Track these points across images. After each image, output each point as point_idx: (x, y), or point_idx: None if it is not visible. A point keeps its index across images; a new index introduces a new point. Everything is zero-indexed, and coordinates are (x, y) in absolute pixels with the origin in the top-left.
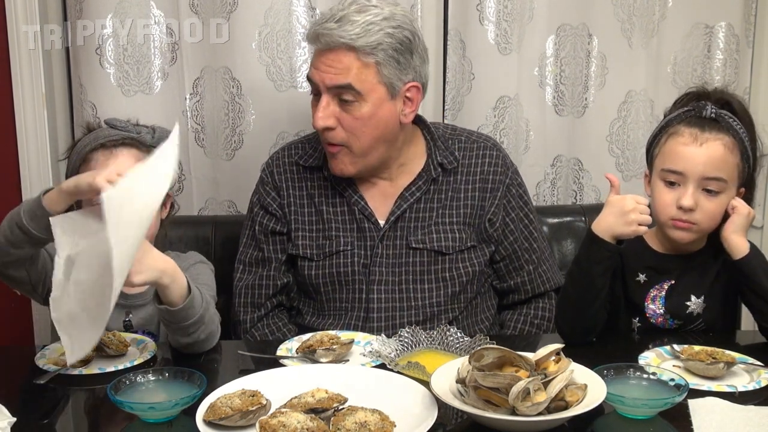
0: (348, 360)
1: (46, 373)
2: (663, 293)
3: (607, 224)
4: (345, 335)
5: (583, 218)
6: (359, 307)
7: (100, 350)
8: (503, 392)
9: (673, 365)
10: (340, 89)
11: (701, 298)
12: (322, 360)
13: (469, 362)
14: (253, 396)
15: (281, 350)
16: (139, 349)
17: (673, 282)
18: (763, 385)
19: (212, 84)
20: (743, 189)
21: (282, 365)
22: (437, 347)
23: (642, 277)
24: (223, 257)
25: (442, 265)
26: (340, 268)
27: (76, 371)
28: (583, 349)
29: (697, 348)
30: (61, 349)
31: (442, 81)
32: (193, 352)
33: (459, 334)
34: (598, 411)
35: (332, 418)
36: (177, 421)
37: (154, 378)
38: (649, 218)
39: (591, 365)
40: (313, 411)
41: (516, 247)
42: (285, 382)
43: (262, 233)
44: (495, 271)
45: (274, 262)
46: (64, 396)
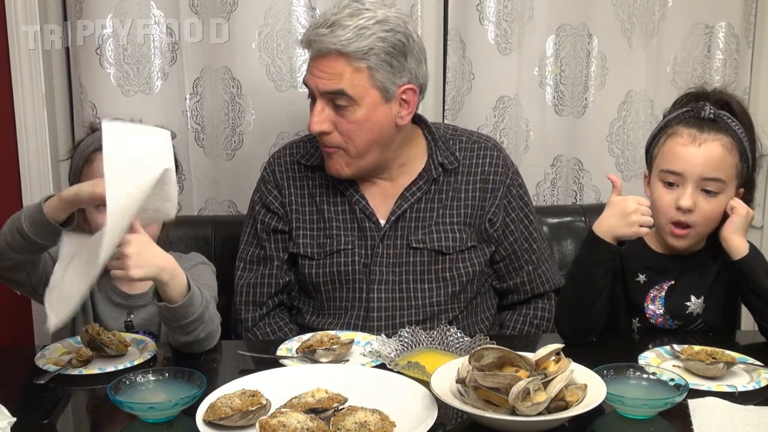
0: (348, 360)
1: (46, 373)
2: (663, 293)
3: (608, 225)
4: (345, 335)
5: (583, 218)
6: (359, 307)
7: (100, 350)
8: (503, 392)
9: (673, 365)
10: (334, 95)
11: (701, 299)
12: (322, 360)
13: (469, 362)
14: (253, 396)
15: (281, 350)
16: (139, 349)
17: (672, 282)
18: (762, 385)
19: (212, 84)
20: (742, 189)
21: (282, 365)
22: (437, 347)
23: (642, 278)
24: (223, 257)
25: (442, 264)
26: (341, 267)
27: (76, 371)
28: (583, 349)
29: (697, 348)
30: (61, 349)
31: (442, 81)
32: (192, 351)
33: (459, 334)
34: (598, 411)
35: (332, 418)
36: (177, 421)
37: (154, 378)
38: (651, 219)
39: (591, 365)
40: (313, 411)
41: (516, 248)
42: (285, 382)
43: (264, 231)
44: (495, 271)
45: (276, 260)
46: (64, 396)
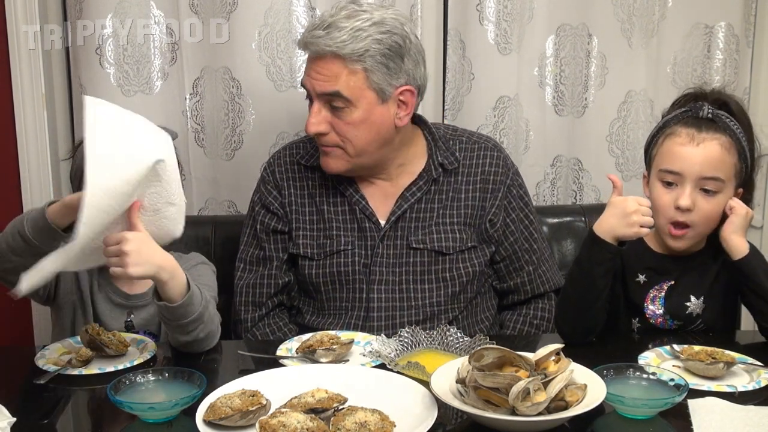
0: (348, 360)
1: (46, 373)
2: (662, 294)
3: (608, 225)
4: (345, 335)
5: (583, 218)
6: (359, 307)
7: (100, 350)
8: (503, 392)
9: (673, 365)
10: (330, 96)
11: (701, 299)
12: (322, 360)
13: (469, 362)
14: (253, 396)
15: (281, 350)
16: (139, 349)
17: (672, 282)
18: (762, 385)
19: (212, 84)
20: (741, 189)
21: (282, 365)
22: (437, 347)
23: (642, 278)
24: (223, 257)
25: (442, 265)
26: (341, 268)
27: (76, 371)
28: (583, 349)
29: (696, 348)
30: (61, 349)
31: (442, 81)
32: (192, 351)
33: (459, 334)
34: (598, 411)
35: (332, 418)
36: (177, 421)
37: (154, 378)
38: (651, 220)
39: (591, 365)
40: (313, 411)
41: (516, 248)
42: (285, 382)
43: (264, 232)
44: (495, 271)
45: (275, 260)
46: (64, 396)
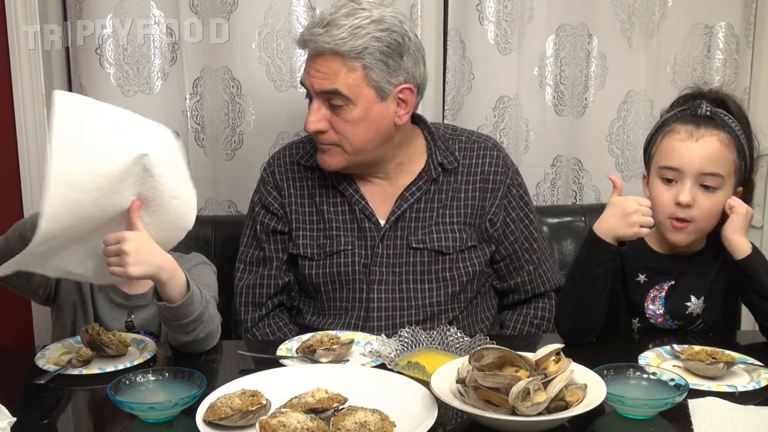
0: (348, 360)
1: (46, 373)
2: (663, 294)
3: (608, 225)
4: (345, 335)
5: (583, 218)
6: (359, 307)
7: (100, 350)
8: (503, 392)
9: (673, 365)
10: (329, 94)
11: (701, 299)
12: (322, 360)
13: (469, 362)
14: (253, 396)
15: (281, 350)
16: (139, 349)
17: (673, 282)
18: (763, 385)
19: (212, 84)
20: (741, 188)
21: (282, 365)
22: (437, 347)
23: (642, 278)
24: (223, 257)
25: (442, 264)
26: (341, 268)
27: (76, 371)
28: (583, 349)
29: (697, 348)
30: (61, 349)
31: (442, 81)
32: (192, 351)
33: (459, 334)
34: (598, 411)
35: (332, 418)
36: (177, 421)
37: (154, 378)
38: (651, 220)
39: (591, 365)
40: (313, 411)
41: (516, 247)
42: (285, 382)
43: (264, 232)
44: (495, 271)
45: (275, 261)
46: (64, 396)
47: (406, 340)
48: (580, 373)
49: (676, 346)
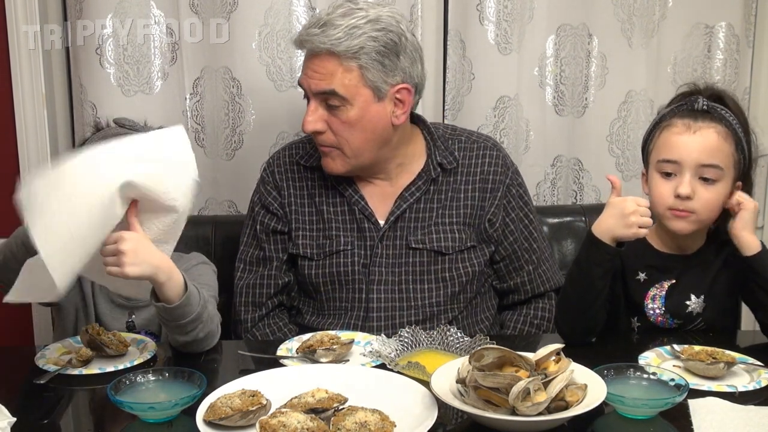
0: (348, 360)
1: (46, 373)
2: (663, 292)
3: (607, 226)
4: (345, 335)
5: (583, 218)
6: (359, 307)
7: (100, 350)
8: (503, 392)
9: (673, 365)
10: (326, 95)
11: (701, 298)
12: (322, 360)
13: (469, 362)
14: (253, 396)
15: (281, 350)
16: (139, 349)
17: (673, 281)
18: (763, 385)
19: (212, 84)
20: (740, 183)
21: (282, 365)
22: (437, 347)
23: (642, 276)
24: (223, 257)
25: (441, 265)
26: (340, 268)
27: (76, 371)
28: (583, 349)
29: (697, 348)
30: (61, 349)
31: (442, 81)
32: (192, 351)
33: (459, 334)
34: (598, 411)
35: (332, 418)
36: (177, 421)
37: (154, 378)
38: (650, 221)
39: (591, 365)
40: (313, 411)
41: (516, 248)
42: (285, 382)
43: (263, 232)
44: (495, 271)
45: (275, 261)
46: (64, 396)
47: (406, 340)
48: (580, 373)
49: (676, 346)
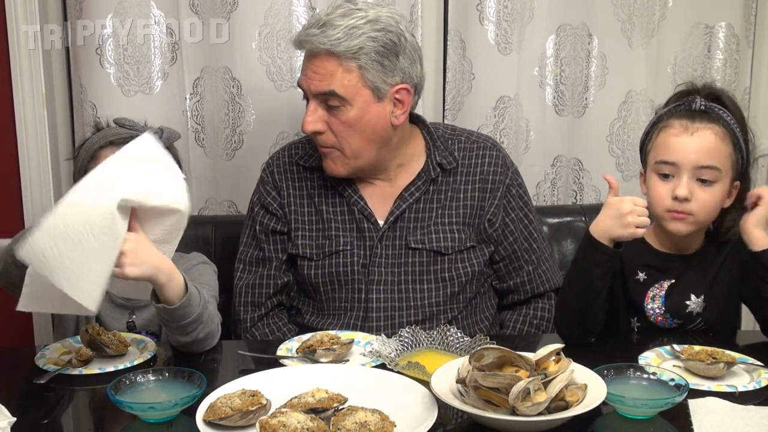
0: (348, 360)
1: (46, 373)
2: (663, 292)
3: (604, 226)
4: (345, 335)
5: (583, 218)
6: (358, 307)
7: (100, 350)
8: (503, 392)
9: (673, 365)
10: (325, 95)
11: (701, 298)
12: (322, 360)
13: (469, 362)
14: (253, 396)
15: (281, 350)
16: (139, 349)
17: (673, 281)
18: (763, 385)
19: (212, 84)
20: (738, 183)
21: (282, 365)
22: (437, 347)
23: (641, 276)
24: (223, 257)
25: (441, 265)
26: (340, 268)
27: (76, 371)
28: (583, 349)
29: (697, 348)
30: (61, 349)
31: (442, 81)
32: (192, 351)
33: (459, 334)
34: (598, 411)
35: (332, 418)
36: (177, 421)
37: (154, 378)
38: (648, 220)
39: (591, 365)
40: (313, 411)
41: (516, 248)
42: (285, 382)
43: (263, 233)
44: (495, 271)
45: (275, 261)
46: (64, 396)
47: (406, 340)
48: (580, 373)
49: (676, 346)
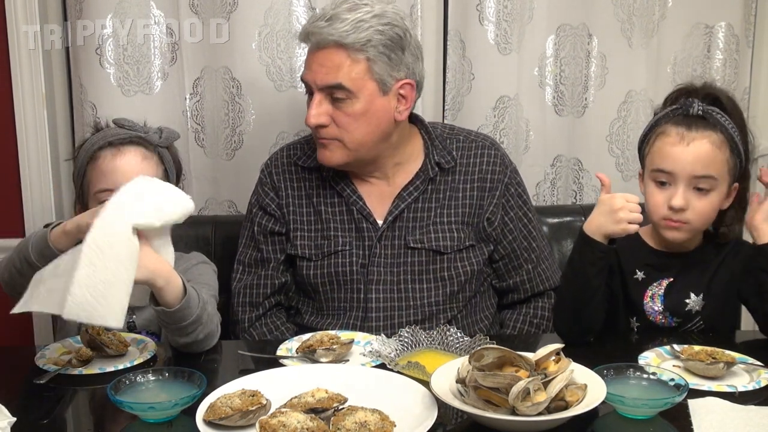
0: (348, 360)
1: (46, 373)
2: (662, 291)
3: (597, 223)
4: (345, 335)
5: (583, 218)
6: (358, 307)
7: (100, 350)
8: (503, 392)
9: (673, 365)
10: (332, 88)
11: (700, 296)
12: (322, 360)
13: (469, 362)
14: (253, 396)
15: (281, 350)
16: (139, 349)
17: (672, 279)
18: (763, 385)
19: (212, 84)
20: (737, 184)
21: (282, 365)
22: (437, 347)
23: (640, 275)
24: (223, 257)
25: (440, 264)
26: (339, 268)
27: (76, 371)
28: (583, 349)
29: (697, 348)
30: (61, 349)
31: (442, 81)
32: (192, 351)
33: (459, 334)
34: (598, 411)
35: (332, 418)
36: (177, 421)
37: (154, 378)
38: (640, 216)
39: (591, 365)
40: (313, 411)
41: (515, 246)
42: (285, 382)
43: (261, 234)
44: (494, 270)
45: (272, 261)
46: (64, 396)
47: (406, 340)
48: (580, 373)
49: (676, 346)
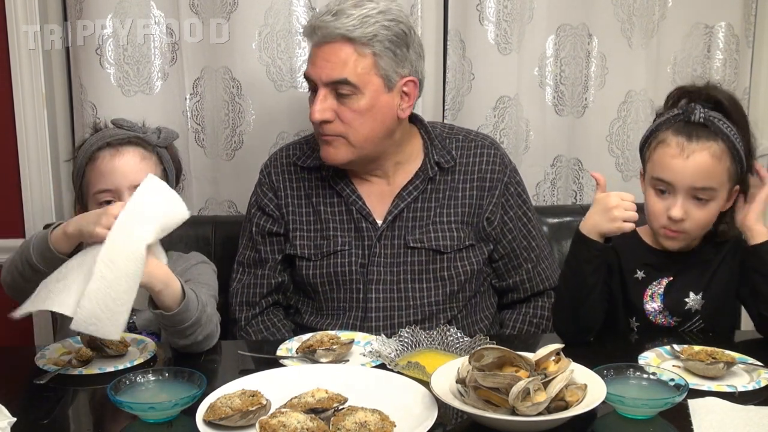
0: (348, 360)
1: (46, 373)
2: (661, 290)
3: (593, 222)
4: (345, 335)
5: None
6: (357, 307)
7: (100, 350)
8: (503, 392)
9: (673, 365)
10: (337, 84)
11: (699, 295)
12: (322, 360)
13: (469, 362)
14: (253, 396)
15: (281, 350)
16: (139, 349)
17: (671, 279)
18: (763, 385)
19: (212, 84)
20: (738, 187)
21: (282, 365)
22: (437, 347)
23: (640, 274)
24: (223, 257)
25: (440, 264)
26: (338, 268)
27: (76, 371)
28: (583, 349)
29: (696, 348)
30: (61, 349)
31: (442, 81)
32: (192, 352)
33: (459, 334)
34: (598, 411)
35: (332, 418)
36: (177, 421)
37: (154, 378)
38: (635, 215)
39: (591, 365)
40: (313, 411)
41: (515, 246)
42: (285, 382)
43: (259, 234)
44: (494, 269)
45: (270, 261)
46: (64, 396)
47: (406, 340)
48: (580, 373)
49: (676, 346)
